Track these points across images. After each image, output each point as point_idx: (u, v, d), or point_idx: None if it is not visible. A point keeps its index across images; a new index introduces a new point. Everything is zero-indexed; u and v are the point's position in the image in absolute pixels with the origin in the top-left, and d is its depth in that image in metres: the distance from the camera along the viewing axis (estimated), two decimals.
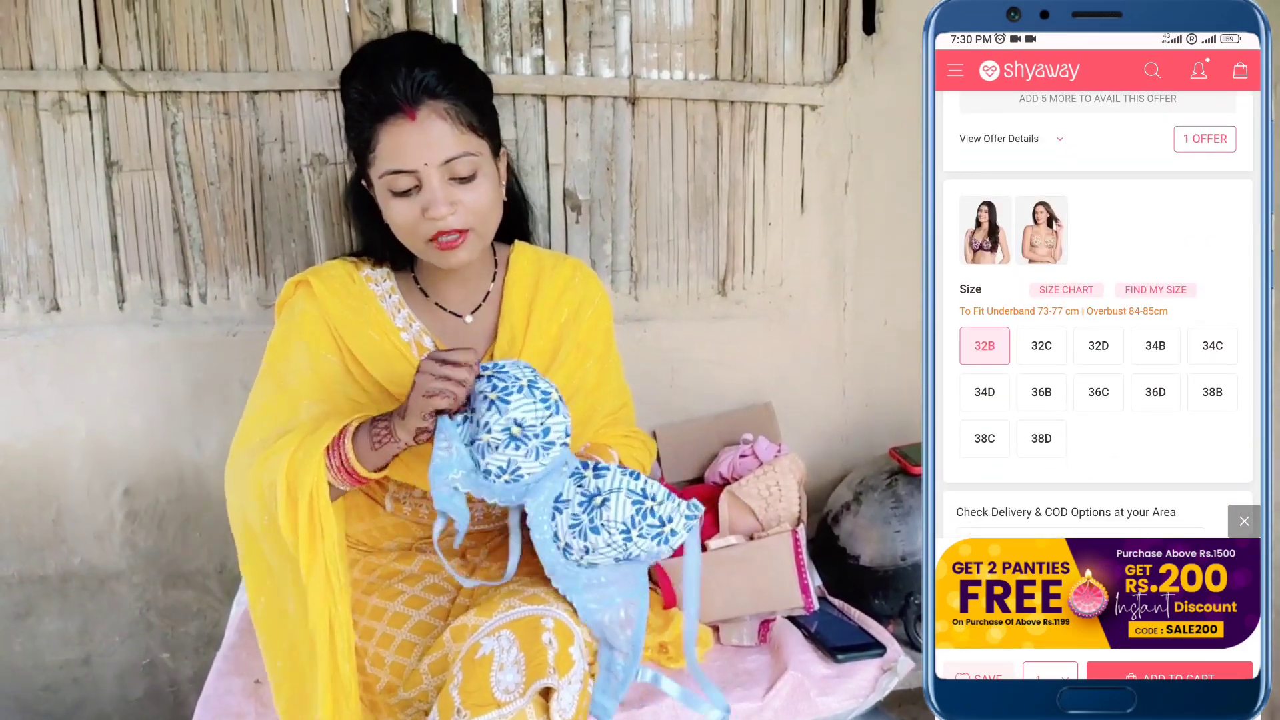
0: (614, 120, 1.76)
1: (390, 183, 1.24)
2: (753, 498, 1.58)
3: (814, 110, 1.83)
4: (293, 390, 1.27)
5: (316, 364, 1.29)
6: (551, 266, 1.45)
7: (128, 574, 1.81)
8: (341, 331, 1.31)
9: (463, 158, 1.24)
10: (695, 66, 1.76)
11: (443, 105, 1.23)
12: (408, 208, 1.24)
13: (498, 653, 1.12)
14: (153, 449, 1.76)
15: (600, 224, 1.81)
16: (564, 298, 1.43)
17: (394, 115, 1.21)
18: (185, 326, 1.73)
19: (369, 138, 1.24)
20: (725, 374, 1.87)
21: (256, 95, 1.68)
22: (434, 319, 1.39)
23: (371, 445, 1.16)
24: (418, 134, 1.21)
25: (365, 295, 1.35)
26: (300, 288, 1.34)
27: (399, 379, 1.32)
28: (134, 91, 1.65)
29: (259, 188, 1.71)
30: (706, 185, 1.81)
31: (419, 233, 1.25)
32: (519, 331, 1.39)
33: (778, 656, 1.45)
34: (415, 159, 1.22)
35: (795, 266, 1.88)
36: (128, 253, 1.71)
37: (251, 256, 1.74)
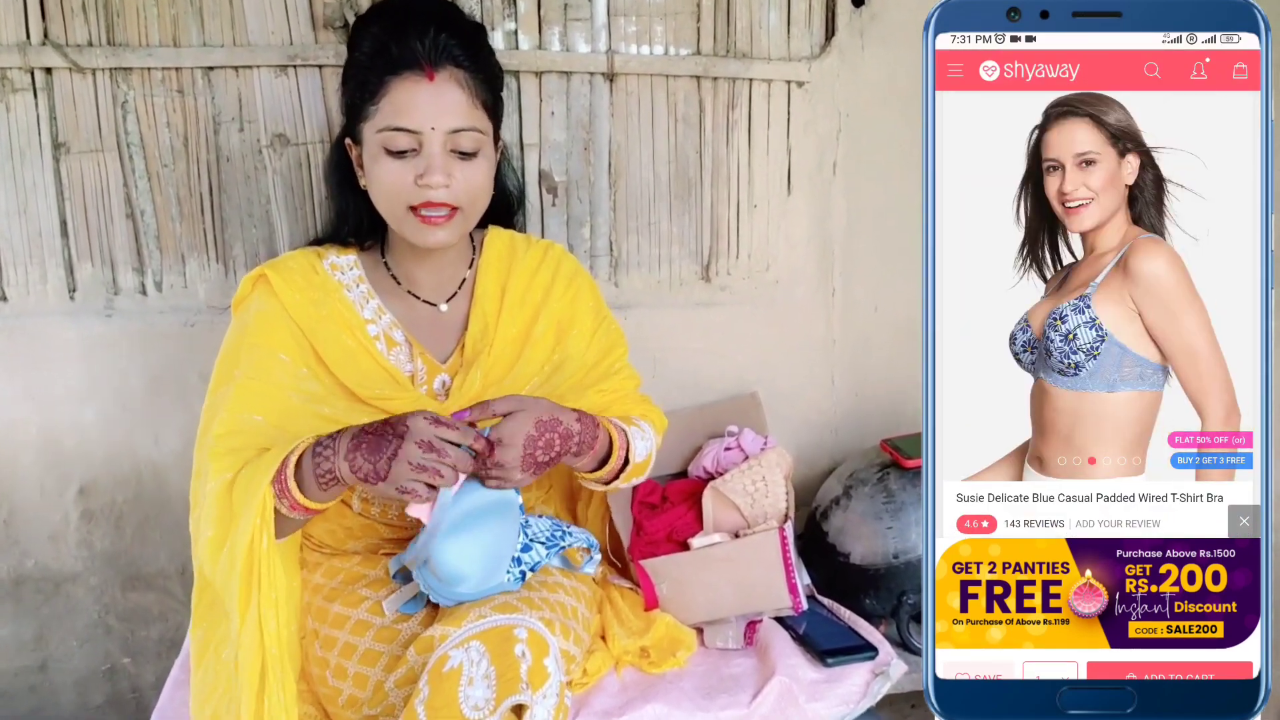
0: (591, 97, 1.71)
1: (388, 139, 1.17)
2: (738, 494, 1.52)
3: (800, 86, 1.78)
4: (242, 401, 1.18)
5: (269, 369, 1.21)
6: (524, 249, 1.38)
7: (84, 576, 1.75)
8: (305, 329, 1.23)
9: (470, 132, 1.19)
10: (676, 41, 1.71)
11: (463, 74, 1.19)
12: (400, 170, 1.18)
13: (466, 665, 1.05)
14: (108, 445, 1.70)
15: (578, 207, 1.76)
16: (536, 278, 1.36)
17: (411, 71, 1.17)
18: (140, 317, 1.67)
19: (375, 89, 1.18)
20: (709, 363, 1.83)
21: (212, 72, 1.61)
22: (406, 308, 1.31)
23: (317, 484, 1.09)
24: (432, 95, 1.16)
25: (329, 287, 1.27)
26: (258, 284, 1.26)
27: (365, 379, 1.24)
28: (81, 68, 1.58)
29: (216, 170, 1.65)
30: (689, 166, 1.77)
31: (403, 199, 1.18)
32: (491, 320, 1.32)
33: (765, 660, 1.40)
34: (424, 119, 1.16)
35: (782, 250, 1.84)
36: (78, 240, 1.65)
37: (209, 243, 1.68)
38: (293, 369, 1.22)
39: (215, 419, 1.18)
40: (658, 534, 1.53)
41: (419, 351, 1.30)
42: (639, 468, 1.33)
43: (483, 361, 1.29)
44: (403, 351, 1.29)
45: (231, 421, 1.17)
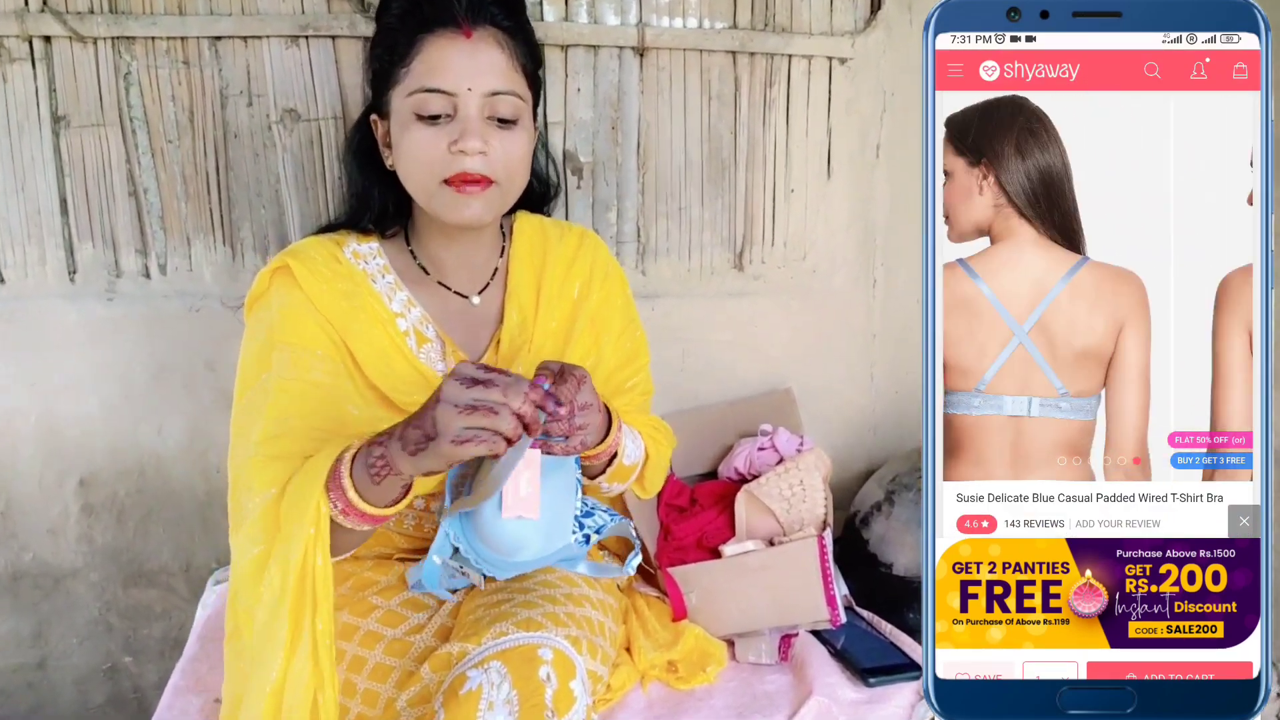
0: (620, 73, 1.63)
1: (420, 103, 1.08)
2: (774, 498, 1.45)
3: (843, 63, 1.70)
4: (282, 404, 1.06)
5: (308, 367, 1.09)
6: (558, 237, 1.28)
7: (85, 572, 1.70)
8: (336, 324, 1.12)
9: (509, 96, 1.10)
10: (711, 13, 1.63)
11: (502, 34, 1.10)
12: (433, 137, 1.08)
13: (486, 688, 0.97)
14: (110, 436, 1.64)
15: (604, 190, 1.68)
16: (573, 270, 1.26)
17: (447, 28, 1.08)
18: (143, 301, 1.60)
19: (405, 50, 1.09)
20: (741, 357, 1.76)
21: (219, 42, 1.53)
22: (436, 301, 1.20)
23: (371, 478, 0.96)
24: (469, 53, 1.07)
25: (355, 277, 1.16)
26: (277, 276, 1.14)
27: (399, 383, 1.12)
28: (82, 37, 1.51)
29: (223, 146, 1.57)
30: (723, 147, 1.69)
31: (436, 170, 1.08)
32: (529, 312, 1.22)
33: (801, 677, 1.31)
34: (460, 80, 1.07)
35: (820, 238, 1.76)
36: (78, 219, 1.58)
37: (216, 223, 1.60)
38: (330, 366, 1.11)
39: (253, 425, 1.06)
40: (687, 539, 1.46)
41: (451, 349, 1.19)
42: (622, 471, 1.20)
43: (523, 358, 1.19)
44: (434, 349, 1.18)
45: (273, 426, 1.05)
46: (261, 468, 1.03)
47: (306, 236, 1.22)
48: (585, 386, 1.00)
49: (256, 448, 1.04)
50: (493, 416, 0.87)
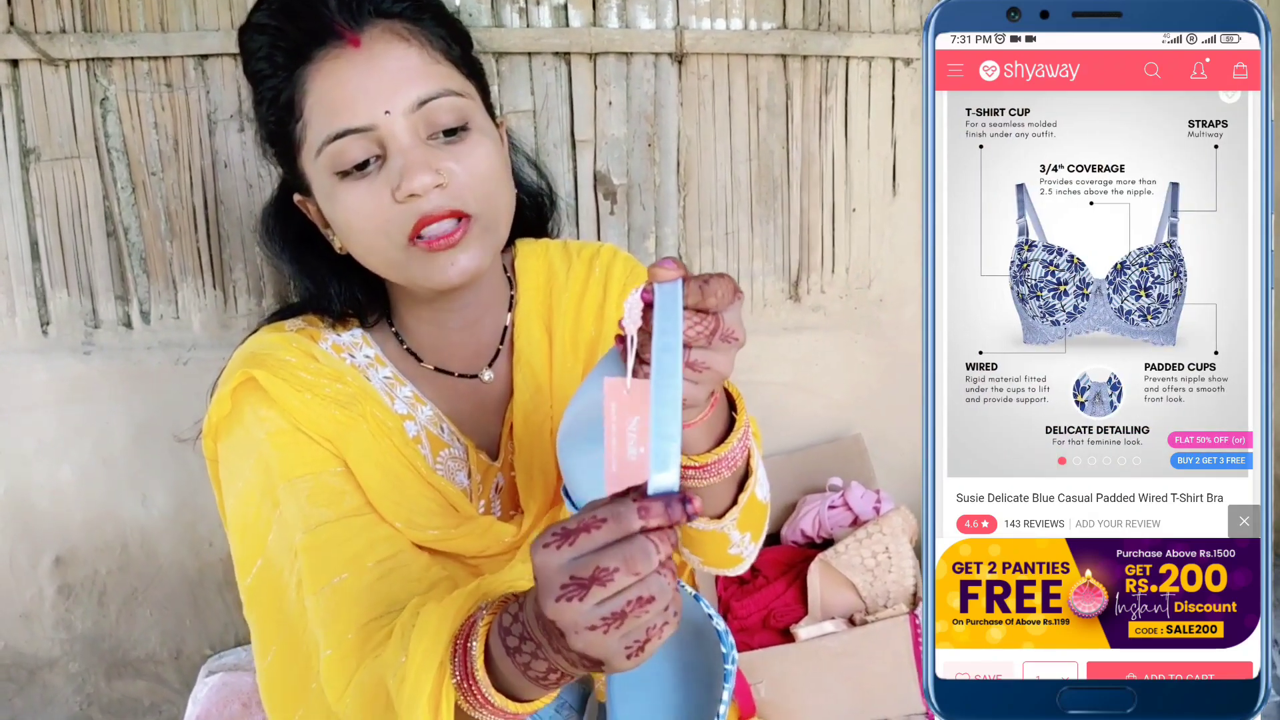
0: (656, 84, 1.58)
1: (335, 156, 0.83)
2: (854, 569, 1.34)
3: (908, 65, 1.63)
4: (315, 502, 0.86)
5: (340, 504, 0.87)
6: (564, 268, 1.01)
7: (63, 662, 1.63)
8: (336, 443, 0.89)
9: (444, 97, 0.84)
10: (758, 12, 1.58)
11: (401, 25, 0.85)
12: (368, 192, 0.83)
13: None
14: (88, 508, 1.59)
15: (640, 215, 1.62)
16: (584, 305, 1.00)
17: (325, 45, 0.84)
18: (123, 354, 1.56)
19: (290, 96, 0.85)
20: (801, 400, 1.70)
21: (206, 61, 1.49)
22: (442, 391, 0.97)
23: (519, 669, 0.68)
24: (366, 66, 0.83)
25: (344, 375, 0.91)
26: (242, 394, 0.90)
27: (415, 513, 0.89)
28: (53, 60, 1.47)
29: (212, 178, 1.53)
30: (774, 163, 1.64)
31: (391, 232, 0.83)
32: (543, 378, 0.97)
33: None
34: (371, 104, 0.83)
35: (886, 263, 1.70)
36: (51, 263, 1.53)
37: (205, 264, 1.55)
38: (347, 501, 0.88)
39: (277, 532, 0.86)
40: (751, 619, 1.36)
41: (474, 454, 0.96)
42: (756, 510, 0.87)
43: (549, 439, 0.97)
44: (455, 455, 0.96)
45: (330, 605, 0.83)
46: (343, 666, 0.81)
47: (259, 329, 0.98)
48: (737, 305, 0.69)
49: (305, 554, 0.83)
50: (646, 606, 0.59)
